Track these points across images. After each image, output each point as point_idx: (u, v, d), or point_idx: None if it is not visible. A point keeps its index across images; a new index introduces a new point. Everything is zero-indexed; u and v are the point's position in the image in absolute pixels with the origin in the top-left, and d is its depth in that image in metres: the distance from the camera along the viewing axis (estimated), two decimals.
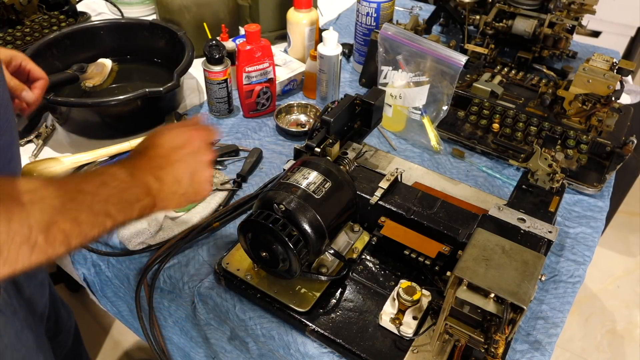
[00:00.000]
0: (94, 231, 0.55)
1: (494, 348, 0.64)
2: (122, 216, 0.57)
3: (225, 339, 0.87)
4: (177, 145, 0.64)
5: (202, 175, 0.66)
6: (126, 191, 0.58)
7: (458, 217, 0.81)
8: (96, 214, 0.55)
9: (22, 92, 0.86)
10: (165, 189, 0.62)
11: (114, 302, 1.03)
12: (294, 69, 1.27)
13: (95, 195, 0.55)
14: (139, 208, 0.59)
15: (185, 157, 0.64)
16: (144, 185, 0.60)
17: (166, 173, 0.62)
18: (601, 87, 1.02)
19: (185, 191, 0.65)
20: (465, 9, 1.29)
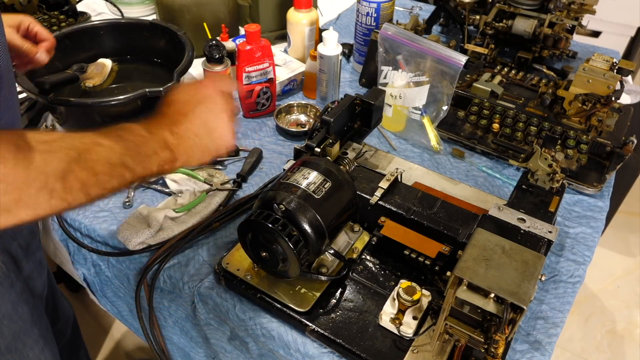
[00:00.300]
0: (113, 182, 0.55)
1: (494, 348, 0.64)
2: (140, 168, 0.58)
3: (225, 339, 0.87)
4: (191, 100, 0.65)
5: (220, 126, 0.65)
6: (143, 145, 0.59)
7: (458, 217, 0.81)
8: (113, 165, 0.55)
9: (36, 53, 0.89)
10: (183, 143, 0.62)
11: (114, 302, 1.03)
12: (294, 69, 1.27)
13: (111, 148, 0.56)
14: (157, 161, 0.60)
15: (201, 110, 0.64)
16: (161, 140, 0.61)
17: (183, 127, 0.62)
18: (601, 87, 1.02)
19: (204, 144, 0.64)
20: (465, 9, 1.29)
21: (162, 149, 0.60)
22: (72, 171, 0.52)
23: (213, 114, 0.65)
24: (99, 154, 0.55)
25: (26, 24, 0.90)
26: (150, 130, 0.61)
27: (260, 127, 1.18)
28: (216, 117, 0.65)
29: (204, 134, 0.64)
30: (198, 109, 0.65)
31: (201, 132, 0.64)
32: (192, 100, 0.65)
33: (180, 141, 0.62)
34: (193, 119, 0.64)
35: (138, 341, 1.72)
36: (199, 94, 0.66)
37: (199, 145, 0.64)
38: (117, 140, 0.57)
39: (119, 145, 0.57)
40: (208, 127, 0.65)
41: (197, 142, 0.64)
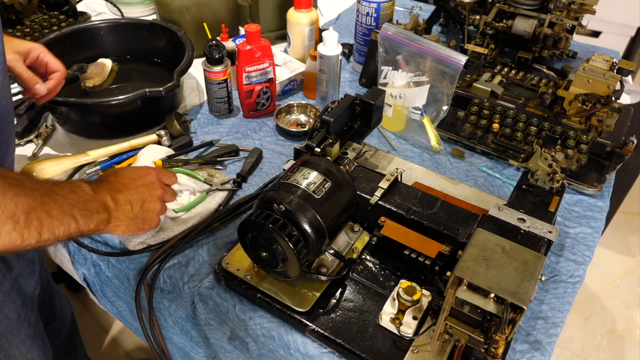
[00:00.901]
0: (61, 229, 0.60)
1: (494, 348, 0.64)
2: (83, 222, 0.63)
3: (225, 339, 0.87)
4: (135, 177, 0.73)
5: (151, 205, 0.73)
6: (89, 202, 0.65)
7: (458, 217, 0.81)
8: (65, 213, 0.60)
9: (35, 85, 0.91)
10: (119, 209, 0.69)
11: (114, 302, 1.03)
12: (294, 69, 1.27)
13: (65, 198, 0.61)
14: (97, 220, 0.65)
15: (140, 187, 0.72)
16: (102, 202, 0.67)
17: (122, 196, 0.69)
18: (601, 87, 1.02)
19: (135, 215, 0.71)
20: (465, 9, 1.29)
21: (102, 210, 0.66)
22: (35, 209, 0.57)
23: (148, 193, 0.73)
24: (56, 200, 0.60)
25: (36, 53, 0.92)
26: (96, 191, 0.66)
27: (260, 127, 1.18)
28: (151, 200, 0.73)
29: (137, 206, 0.71)
30: (137, 185, 0.72)
31: (135, 204, 0.71)
32: (137, 179, 0.73)
33: (117, 207, 0.69)
34: (131, 191, 0.71)
35: (138, 341, 1.72)
36: (145, 178, 0.74)
37: (131, 216, 0.71)
38: (69, 193, 0.62)
39: (70, 197, 0.62)
40: (142, 205, 0.72)
41: (130, 213, 0.70)
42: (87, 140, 1.12)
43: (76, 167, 1.04)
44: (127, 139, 1.08)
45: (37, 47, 0.92)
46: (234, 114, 1.21)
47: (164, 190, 0.76)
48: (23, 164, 1.02)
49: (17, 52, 0.89)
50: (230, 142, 1.12)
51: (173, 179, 0.80)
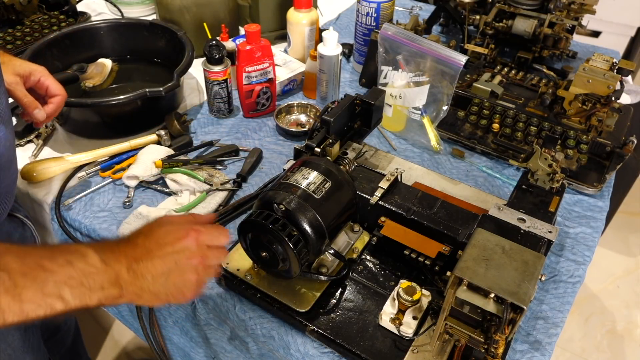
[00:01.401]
0: (39, 311, 0.52)
1: (494, 348, 0.64)
2: (77, 302, 0.54)
3: (225, 339, 0.87)
4: (166, 241, 0.61)
5: (180, 279, 0.61)
6: (90, 276, 0.55)
7: (458, 217, 0.81)
8: (46, 295, 0.52)
9: (34, 110, 0.86)
10: (136, 282, 0.59)
11: None
12: (294, 69, 1.27)
13: (53, 274, 0.53)
14: (99, 296, 0.56)
15: (168, 255, 0.60)
16: (113, 275, 0.57)
17: (141, 266, 0.59)
18: (601, 87, 1.02)
19: (158, 291, 0.60)
20: (465, 9, 1.29)
21: (111, 285, 0.57)
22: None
23: (178, 268, 0.61)
24: (34, 280, 0.51)
25: (37, 77, 0.88)
26: (107, 261, 0.57)
27: (260, 127, 1.18)
28: (182, 272, 0.61)
29: (162, 282, 0.60)
30: (166, 252, 0.60)
31: (159, 280, 0.60)
32: (168, 244, 0.61)
33: (133, 279, 0.58)
34: (156, 261, 0.60)
35: (138, 341, 1.72)
36: (178, 243, 0.61)
37: (152, 290, 0.60)
38: (63, 266, 0.54)
39: (63, 272, 0.54)
40: (169, 279, 0.61)
41: (150, 286, 0.60)
42: (87, 140, 1.12)
43: (76, 167, 1.04)
44: (127, 139, 1.08)
45: (38, 70, 0.88)
46: (234, 114, 1.21)
47: (202, 257, 0.62)
48: (23, 164, 1.02)
49: (18, 75, 0.85)
50: (230, 142, 1.12)
51: (222, 239, 0.65)
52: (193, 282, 0.62)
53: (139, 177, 1.00)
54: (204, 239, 0.63)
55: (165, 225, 0.63)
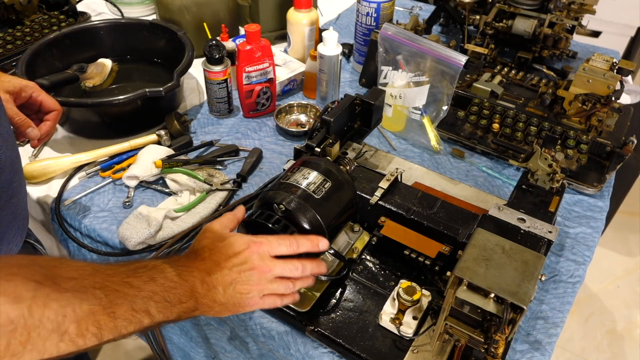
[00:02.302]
0: (130, 328, 0.53)
1: (494, 348, 0.64)
2: (161, 316, 0.56)
3: (225, 339, 0.87)
4: (232, 253, 0.64)
5: (244, 287, 0.64)
6: (171, 291, 0.57)
7: (458, 217, 0.81)
8: (136, 311, 0.54)
9: (27, 129, 0.83)
10: (209, 295, 0.61)
11: None
12: (294, 69, 1.27)
13: (140, 290, 0.54)
14: (179, 310, 0.58)
15: (234, 267, 0.63)
16: (189, 288, 0.59)
17: (213, 279, 0.62)
18: (601, 87, 1.02)
19: (227, 300, 0.63)
20: (465, 9, 1.29)
21: (188, 298, 0.59)
22: (93, 313, 0.50)
23: (244, 278, 0.64)
24: (124, 297, 0.53)
25: (28, 93, 0.85)
26: (182, 275, 0.59)
27: (260, 127, 1.18)
28: (246, 282, 0.64)
29: (230, 292, 0.63)
30: (233, 268, 0.63)
31: (228, 290, 0.63)
32: (232, 256, 0.64)
33: (207, 292, 0.61)
34: (225, 274, 0.63)
35: (138, 341, 1.72)
36: (242, 255, 0.64)
37: (222, 301, 0.63)
38: (147, 282, 0.56)
39: (147, 288, 0.55)
40: (235, 288, 0.63)
41: (221, 297, 0.63)
42: (87, 140, 1.12)
43: (76, 167, 1.04)
44: (127, 139, 1.08)
45: (30, 86, 0.85)
46: (234, 114, 1.21)
47: (263, 268, 0.65)
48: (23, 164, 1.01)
49: (8, 92, 0.82)
50: (230, 142, 1.12)
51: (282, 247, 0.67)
52: (256, 293, 0.65)
53: (139, 177, 1.00)
54: (266, 250, 0.66)
55: (226, 238, 0.66)
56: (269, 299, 0.68)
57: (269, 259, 0.66)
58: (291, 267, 0.68)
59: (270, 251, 0.66)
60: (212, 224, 0.69)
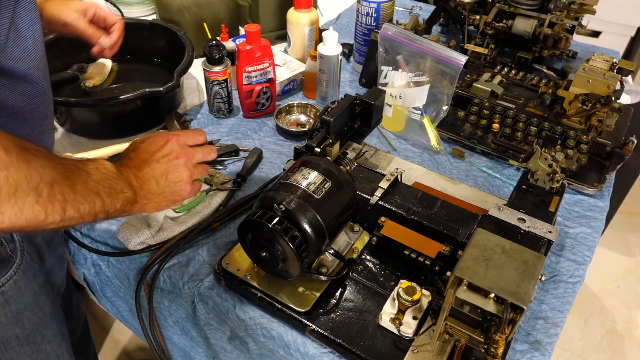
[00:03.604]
0: (85, 206, 0.58)
1: (494, 348, 0.64)
2: (109, 201, 0.61)
3: (225, 339, 0.87)
4: (154, 149, 0.69)
5: (176, 175, 0.69)
6: (113, 180, 0.62)
7: (458, 217, 0.81)
8: (90, 190, 0.58)
9: (100, 37, 0.98)
10: (144, 187, 0.66)
11: (114, 302, 1.03)
12: (294, 69, 1.27)
13: (89, 175, 0.59)
14: (122, 199, 0.63)
15: (160, 159, 0.68)
16: (127, 180, 0.64)
17: (144, 172, 0.66)
18: (601, 87, 1.02)
19: (162, 191, 0.68)
20: (465, 9, 1.29)
21: (127, 189, 0.64)
22: (58, 182, 0.54)
23: (173, 167, 0.69)
24: (79, 176, 0.58)
25: (92, 10, 0.97)
26: (119, 169, 0.64)
27: (260, 127, 1.18)
28: (175, 170, 0.69)
29: (162, 180, 0.68)
30: (158, 157, 0.68)
31: (160, 179, 0.68)
32: (156, 151, 0.69)
33: (141, 185, 0.66)
34: (153, 165, 0.68)
35: (138, 341, 1.72)
36: (165, 148, 0.69)
37: (158, 192, 0.68)
38: (94, 171, 0.60)
39: (95, 174, 0.60)
40: (167, 178, 0.68)
41: (156, 188, 0.67)
42: (87, 140, 1.12)
43: None
44: (127, 139, 1.08)
45: (91, 5, 0.96)
46: (234, 114, 1.21)
47: (187, 155, 0.71)
48: None
49: (77, 11, 0.94)
50: (230, 142, 1.12)
51: (198, 137, 0.74)
52: (187, 177, 0.70)
53: None
54: (183, 140, 0.71)
55: (146, 140, 0.71)
56: (196, 184, 0.73)
57: (188, 147, 0.72)
58: (207, 151, 0.74)
59: (187, 141, 0.72)
60: None
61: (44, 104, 0.73)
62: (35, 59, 0.68)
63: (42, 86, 0.71)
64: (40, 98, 0.71)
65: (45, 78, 0.72)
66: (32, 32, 0.67)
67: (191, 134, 0.73)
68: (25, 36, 0.66)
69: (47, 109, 0.75)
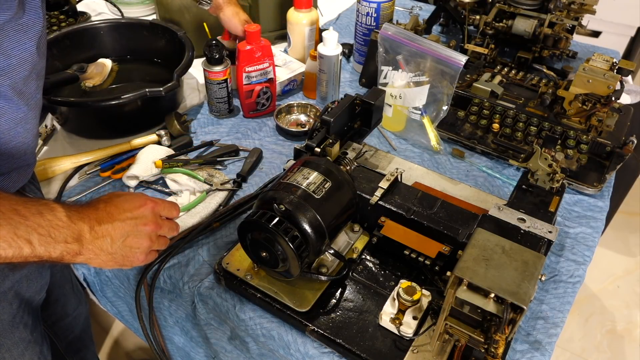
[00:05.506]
0: (9, 251, 0.56)
1: (494, 348, 0.64)
2: (42, 250, 0.58)
3: (226, 339, 0.87)
4: (126, 208, 0.67)
5: (135, 241, 0.67)
6: (57, 229, 0.59)
7: (458, 217, 0.81)
8: (17, 237, 0.56)
9: None
10: (95, 242, 0.63)
11: (114, 302, 1.03)
12: (294, 69, 1.27)
13: (25, 219, 0.57)
14: (62, 248, 0.60)
15: (128, 219, 0.66)
16: (76, 231, 0.61)
17: (103, 228, 0.64)
18: (601, 87, 1.02)
19: (114, 251, 0.66)
20: (465, 9, 1.29)
21: (73, 241, 0.61)
22: None
23: (135, 227, 0.67)
24: (9, 221, 0.56)
25: None
26: (72, 218, 0.62)
27: (260, 127, 1.18)
28: (137, 236, 0.67)
29: (119, 244, 0.66)
30: (124, 217, 0.66)
31: (117, 242, 0.65)
32: (127, 210, 0.67)
33: (94, 239, 0.63)
34: (116, 224, 0.65)
35: (138, 341, 1.72)
36: (136, 210, 0.67)
37: (109, 251, 0.65)
38: (34, 215, 0.58)
39: (33, 220, 0.58)
40: (125, 241, 0.66)
41: (108, 247, 0.65)
42: (87, 140, 1.12)
43: (76, 167, 1.04)
44: (127, 139, 1.08)
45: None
46: (234, 114, 1.21)
47: (156, 225, 0.69)
48: None
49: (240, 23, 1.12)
50: (230, 142, 1.12)
51: (173, 212, 0.73)
52: (145, 247, 0.68)
53: (139, 177, 1.00)
54: (158, 209, 0.70)
55: (123, 195, 0.69)
56: (151, 255, 0.71)
57: (159, 218, 0.70)
58: (172, 226, 0.73)
59: (161, 211, 0.71)
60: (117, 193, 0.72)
61: (25, 132, 0.71)
62: (14, 78, 0.66)
63: (22, 111, 0.69)
64: (19, 124, 0.69)
65: (26, 104, 0.70)
66: (19, 52, 0.66)
67: (168, 206, 0.72)
68: (10, 55, 0.65)
69: (28, 139, 0.72)
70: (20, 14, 0.64)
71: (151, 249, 0.70)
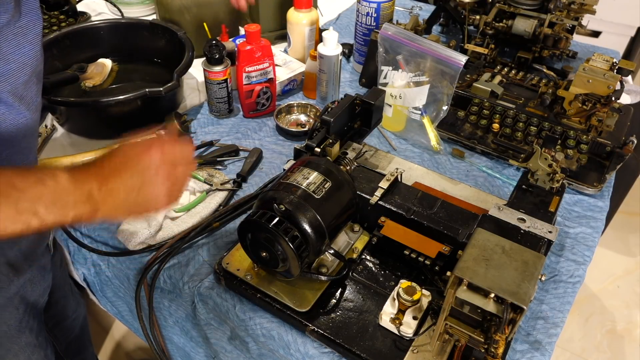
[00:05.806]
0: (15, 227, 0.53)
1: (494, 348, 0.64)
2: (51, 218, 0.55)
3: (226, 339, 0.87)
4: (130, 156, 0.62)
5: (151, 190, 0.62)
6: (62, 194, 0.56)
7: (458, 217, 0.81)
8: (20, 212, 0.53)
9: None
10: (108, 199, 0.59)
11: (114, 302, 1.03)
12: (294, 69, 1.27)
13: (25, 192, 0.53)
14: (74, 213, 0.57)
15: (135, 172, 0.61)
16: (85, 193, 0.57)
17: (113, 182, 0.59)
18: (601, 87, 1.02)
19: (131, 204, 0.61)
20: (465, 9, 1.29)
21: (83, 203, 0.57)
22: None
23: (149, 181, 0.62)
24: (8, 197, 0.52)
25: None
26: (76, 180, 0.57)
27: (260, 127, 1.18)
28: (152, 184, 0.62)
29: (134, 196, 0.61)
30: (136, 174, 0.61)
31: (132, 194, 0.61)
32: (133, 158, 0.62)
33: (106, 197, 0.59)
34: (126, 178, 0.60)
35: (138, 341, 1.72)
36: (143, 158, 0.62)
37: (126, 205, 0.61)
38: (34, 184, 0.54)
39: (33, 191, 0.54)
40: (141, 192, 0.62)
41: (124, 202, 0.61)
42: (87, 140, 1.12)
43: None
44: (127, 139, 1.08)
45: None
46: (234, 114, 1.21)
47: (168, 169, 0.63)
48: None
49: None
50: (230, 142, 1.12)
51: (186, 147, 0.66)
52: (164, 193, 0.63)
53: None
54: (167, 150, 0.63)
55: (126, 145, 0.64)
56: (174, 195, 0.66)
57: (172, 159, 0.64)
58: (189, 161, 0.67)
59: (171, 151, 0.65)
60: None
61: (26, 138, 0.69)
62: (14, 83, 0.64)
63: (24, 115, 0.67)
64: (21, 128, 0.67)
65: (28, 108, 0.68)
66: (18, 56, 0.64)
67: (178, 143, 0.65)
68: (9, 59, 0.62)
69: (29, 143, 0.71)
70: (18, 17, 0.62)
71: (172, 191, 0.65)
